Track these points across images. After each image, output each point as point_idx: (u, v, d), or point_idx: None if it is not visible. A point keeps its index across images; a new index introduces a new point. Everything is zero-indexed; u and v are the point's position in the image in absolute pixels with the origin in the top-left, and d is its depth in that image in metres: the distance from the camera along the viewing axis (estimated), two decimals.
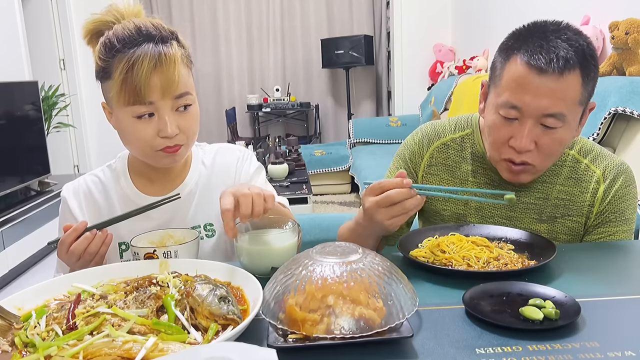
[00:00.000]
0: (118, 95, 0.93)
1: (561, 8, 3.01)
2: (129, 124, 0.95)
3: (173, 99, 0.95)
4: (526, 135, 0.95)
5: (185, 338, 0.65)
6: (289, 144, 4.23)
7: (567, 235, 1.09)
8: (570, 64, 0.91)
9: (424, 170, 1.17)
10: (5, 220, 2.95)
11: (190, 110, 0.99)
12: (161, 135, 0.95)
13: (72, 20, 4.77)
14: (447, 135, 1.17)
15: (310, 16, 5.67)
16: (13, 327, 0.69)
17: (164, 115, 0.94)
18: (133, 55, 0.91)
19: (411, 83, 5.20)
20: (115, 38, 0.93)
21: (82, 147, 4.96)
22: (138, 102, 0.92)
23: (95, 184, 1.10)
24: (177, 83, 0.93)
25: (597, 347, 0.64)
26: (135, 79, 0.90)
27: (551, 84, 0.91)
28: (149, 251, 0.89)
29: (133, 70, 0.90)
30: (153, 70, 0.91)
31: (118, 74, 0.91)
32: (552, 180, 1.08)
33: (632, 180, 1.08)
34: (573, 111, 0.95)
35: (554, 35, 0.93)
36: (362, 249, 0.72)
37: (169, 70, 0.92)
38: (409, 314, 0.66)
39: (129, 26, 0.95)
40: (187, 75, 0.98)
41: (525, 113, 0.95)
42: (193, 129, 1.00)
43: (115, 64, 0.92)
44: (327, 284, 0.65)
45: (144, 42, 0.93)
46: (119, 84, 0.92)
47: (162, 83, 0.92)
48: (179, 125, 0.96)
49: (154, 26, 0.96)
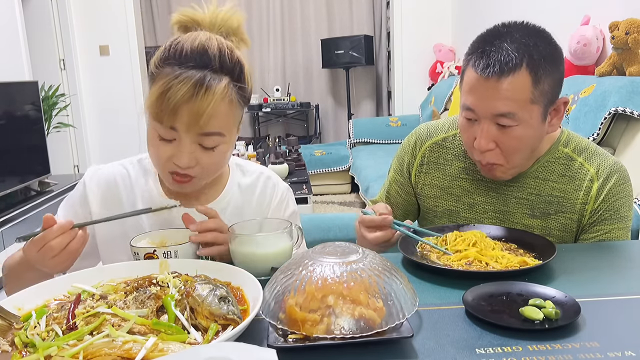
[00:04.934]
0: (150, 107, 0.90)
1: (561, 8, 3.01)
2: (152, 137, 0.93)
3: (198, 135, 0.91)
4: (481, 136, 1.01)
5: (185, 338, 0.65)
6: (289, 144, 4.23)
7: (560, 232, 1.09)
8: (510, 66, 0.95)
9: (416, 170, 1.22)
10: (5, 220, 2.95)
11: (217, 149, 0.94)
12: (173, 162, 0.92)
13: (72, 20, 4.77)
14: (440, 134, 1.21)
15: (310, 16, 5.66)
16: (13, 327, 0.69)
17: (183, 145, 0.91)
18: (174, 79, 0.87)
19: (411, 83, 5.20)
20: (176, 50, 0.90)
21: (82, 147, 4.96)
22: (161, 122, 0.90)
23: (122, 177, 1.06)
24: (207, 121, 0.89)
25: (597, 347, 0.64)
26: (165, 104, 0.87)
27: (495, 87, 0.96)
28: (149, 251, 0.89)
29: (168, 92, 0.87)
30: (187, 101, 0.87)
31: (154, 90, 0.89)
32: (544, 176, 1.10)
33: (627, 178, 1.08)
34: (526, 109, 0.98)
35: (500, 40, 0.98)
36: (362, 249, 0.72)
37: (201, 109, 0.87)
38: (409, 314, 0.66)
39: (195, 43, 0.90)
40: (227, 115, 0.92)
41: (479, 114, 1.01)
42: (214, 167, 0.97)
43: (157, 78, 0.90)
44: (327, 284, 0.65)
45: (196, 67, 0.88)
46: (152, 100, 0.89)
47: (189, 118, 0.88)
48: (198, 159, 0.92)
49: (220, 51, 0.90)
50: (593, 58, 2.61)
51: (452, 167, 1.18)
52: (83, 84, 4.92)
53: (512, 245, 0.99)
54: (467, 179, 1.16)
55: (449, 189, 1.17)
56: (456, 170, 1.17)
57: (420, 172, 1.22)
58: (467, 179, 1.16)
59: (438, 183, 1.19)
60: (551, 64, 0.98)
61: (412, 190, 1.24)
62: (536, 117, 0.99)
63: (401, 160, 1.26)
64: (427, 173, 1.21)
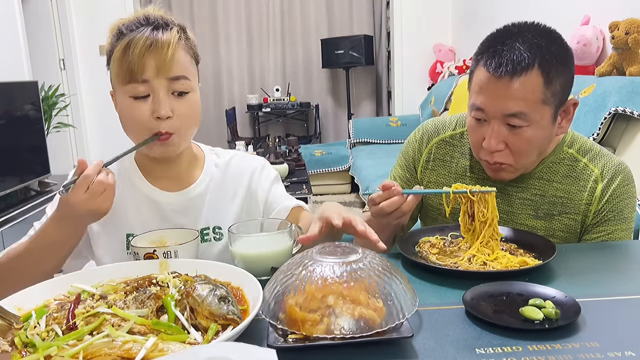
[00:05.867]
0: (116, 74, 0.97)
1: (561, 8, 3.01)
2: (127, 104, 0.97)
3: (168, 80, 0.96)
4: (491, 136, 1.01)
5: (185, 338, 0.65)
6: (289, 144, 4.23)
7: (564, 233, 1.09)
8: (522, 65, 0.95)
9: (422, 166, 1.23)
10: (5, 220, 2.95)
11: (188, 97, 0.99)
12: (154, 116, 0.96)
13: (72, 20, 4.77)
14: (447, 132, 1.21)
15: (310, 16, 5.66)
16: (13, 327, 0.69)
17: (158, 95, 0.96)
18: (131, 36, 0.95)
19: (411, 83, 5.20)
20: (124, 26, 0.98)
21: (82, 147, 4.96)
22: (133, 80, 0.95)
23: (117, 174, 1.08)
24: (172, 64, 0.95)
25: (597, 347, 0.64)
26: (130, 57, 0.94)
27: (506, 87, 0.96)
28: (149, 251, 0.89)
29: (129, 49, 0.94)
30: (148, 50, 0.94)
31: (116, 53, 0.96)
32: (549, 177, 1.10)
33: (631, 179, 1.08)
34: (537, 110, 0.97)
35: (512, 39, 0.98)
36: (362, 249, 0.72)
37: (163, 51, 0.95)
38: (409, 314, 0.66)
39: (138, 15, 0.99)
40: (187, 61, 0.99)
41: (489, 114, 1.00)
42: (189, 116, 1.00)
43: (116, 45, 0.96)
44: (327, 284, 0.65)
45: (146, 27, 0.96)
46: (117, 63, 0.96)
47: (156, 62, 0.94)
48: (174, 109, 0.97)
49: (162, 17, 1.00)
50: (593, 58, 2.60)
51: (457, 165, 1.18)
52: (83, 84, 4.92)
53: (512, 245, 0.99)
54: (471, 177, 1.16)
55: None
56: (461, 169, 1.18)
57: (426, 169, 1.22)
58: (472, 177, 1.16)
59: (443, 181, 1.20)
60: (562, 65, 0.98)
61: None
62: (547, 118, 0.99)
63: (407, 155, 1.25)
64: (433, 170, 1.21)
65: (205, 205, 1.08)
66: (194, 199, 1.07)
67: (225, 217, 1.09)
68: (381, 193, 0.98)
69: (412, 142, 1.25)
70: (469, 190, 0.97)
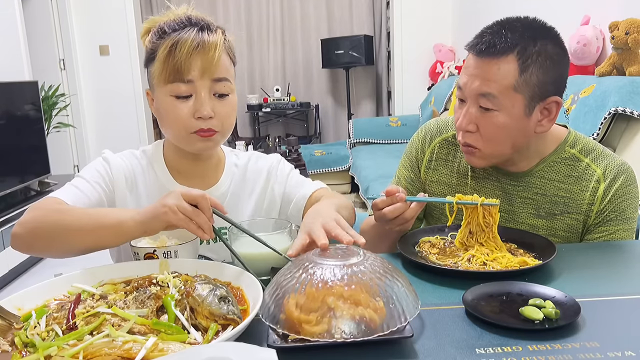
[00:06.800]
0: (160, 73, 0.97)
1: (561, 8, 3.01)
2: (168, 103, 0.98)
3: (212, 81, 0.98)
4: (464, 115, 1.04)
5: (185, 338, 0.65)
6: (289, 144, 4.23)
7: (565, 232, 1.09)
8: (498, 48, 0.98)
9: (425, 166, 1.23)
10: (5, 220, 2.95)
11: (228, 99, 1.01)
12: (197, 116, 0.97)
13: (72, 20, 4.77)
14: (450, 131, 1.22)
15: (310, 16, 5.66)
16: (13, 327, 0.69)
17: (200, 95, 0.97)
18: (177, 36, 0.96)
19: (411, 83, 5.19)
20: (166, 25, 0.99)
21: (82, 147, 4.96)
22: (178, 79, 0.96)
23: (141, 169, 1.08)
24: (217, 66, 0.97)
25: (597, 347, 0.64)
26: (177, 56, 0.94)
27: (483, 67, 1.00)
28: (149, 251, 0.89)
29: (176, 48, 0.95)
30: (195, 51, 0.95)
31: (161, 52, 0.96)
32: (550, 176, 1.10)
33: (633, 180, 1.08)
34: (507, 96, 0.99)
35: (501, 26, 1.01)
36: (363, 251, 0.72)
37: (210, 53, 0.96)
38: (411, 317, 0.65)
39: (181, 16, 1.00)
40: (228, 64, 1.01)
41: (465, 93, 1.04)
42: (229, 117, 1.02)
43: (161, 45, 0.97)
44: (328, 286, 0.65)
45: (191, 27, 0.97)
46: (161, 62, 0.96)
47: (202, 63, 0.96)
48: (215, 109, 0.98)
49: (204, 19, 1.01)
50: (593, 58, 2.60)
51: (460, 164, 1.19)
52: (83, 84, 4.92)
53: (512, 245, 0.99)
54: (473, 176, 1.16)
55: (456, 186, 1.18)
56: (463, 168, 1.18)
57: (429, 169, 1.23)
58: (474, 176, 1.16)
59: (445, 180, 1.20)
60: (545, 59, 0.98)
61: (422, 187, 1.24)
62: (518, 107, 1.00)
63: (410, 155, 1.26)
64: (435, 169, 1.22)
65: (225, 205, 1.08)
66: (218, 198, 1.07)
67: (242, 216, 1.09)
68: (384, 199, 0.99)
69: (415, 142, 1.26)
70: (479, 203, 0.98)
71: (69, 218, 0.89)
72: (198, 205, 0.82)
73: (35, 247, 0.92)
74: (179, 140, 1.03)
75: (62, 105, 4.22)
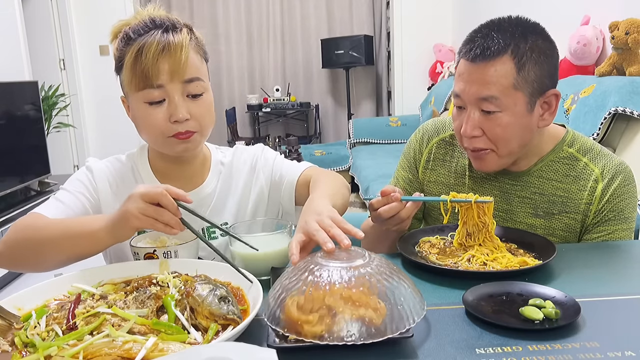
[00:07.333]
0: (129, 80, 0.95)
1: (561, 8, 3.01)
2: (142, 110, 0.97)
3: (182, 83, 0.96)
4: (467, 122, 1.03)
5: (185, 338, 0.65)
6: (289, 144, 4.23)
7: (564, 232, 1.09)
8: (493, 50, 0.98)
9: (423, 166, 1.24)
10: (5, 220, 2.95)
11: (203, 98, 0.99)
12: (172, 120, 0.96)
13: (72, 20, 4.77)
14: (447, 131, 1.23)
15: (310, 16, 5.65)
16: (13, 327, 0.69)
17: (173, 99, 0.95)
18: (142, 41, 0.94)
19: (411, 83, 5.19)
20: (131, 30, 0.97)
21: (82, 147, 4.96)
22: (148, 85, 0.94)
23: (127, 172, 1.08)
24: (185, 67, 0.95)
25: (597, 347, 0.64)
26: (144, 62, 0.93)
27: (479, 71, 1.00)
28: (149, 251, 0.89)
29: (142, 54, 0.93)
30: (161, 54, 0.93)
31: (128, 59, 0.94)
32: (548, 176, 1.10)
33: (631, 179, 1.08)
34: (509, 95, 0.99)
35: (489, 29, 1.02)
36: (368, 253, 0.71)
37: (177, 54, 0.94)
38: (418, 318, 0.66)
39: (144, 18, 0.98)
40: (198, 62, 0.99)
41: (465, 100, 1.03)
42: (205, 116, 1.00)
43: (127, 51, 0.95)
44: (335, 288, 0.64)
45: (155, 29, 0.95)
46: (129, 69, 0.95)
47: (170, 66, 0.94)
48: (190, 111, 0.97)
49: (169, 18, 0.99)
50: (593, 58, 2.60)
51: (457, 164, 1.19)
52: (83, 84, 4.92)
53: (512, 245, 0.99)
54: (471, 176, 1.17)
55: (454, 186, 1.18)
56: (461, 168, 1.18)
57: (427, 169, 1.23)
58: (471, 176, 1.17)
59: (443, 180, 1.21)
60: (539, 55, 0.99)
61: (420, 187, 1.25)
62: (521, 105, 1.00)
63: (408, 156, 1.27)
64: (433, 170, 1.22)
65: (212, 204, 1.09)
66: (205, 198, 1.08)
67: (231, 212, 1.09)
68: (380, 199, 0.99)
69: (412, 142, 1.27)
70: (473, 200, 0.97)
71: (46, 233, 0.89)
72: (160, 203, 0.80)
73: (18, 264, 0.93)
74: (158, 145, 1.02)
75: (62, 105, 4.22)
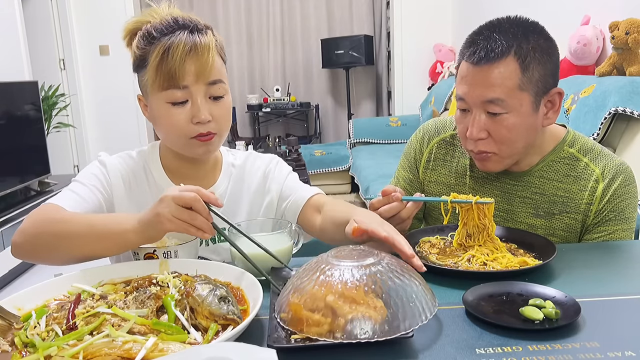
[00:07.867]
0: (153, 80, 0.95)
1: (561, 8, 3.01)
2: (164, 110, 0.97)
3: (207, 85, 0.96)
4: (472, 124, 1.03)
5: (185, 338, 0.65)
6: (289, 144, 4.23)
7: (564, 232, 1.09)
8: (497, 52, 0.98)
9: (423, 166, 1.24)
10: (5, 220, 2.95)
11: (224, 100, 1.00)
12: (194, 121, 0.96)
13: (72, 20, 4.77)
14: (448, 131, 1.23)
15: (310, 16, 5.66)
16: (13, 327, 0.69)
17: (197, 100, 0.96)
18: (169, 41, 0.93)
19: (411, 83, 5.20)
20: (153, 28, 0.96)
21: (82, 147, 4.96)
22: (172, 86, 0.94)
23: (139, 169, 1.07)
24: (211, 69, 0.95)
25: (597, 347, 0.64)
26: (170, 63, 0.92)
27: (483, 74, 0.99)
28: (149, 251, 0.89)
29: (168, 54, 0.92)
30: (187, 55, 0.93)
31: (153, 59, 0.94)
32: (549, 176, 1.10)
33: (632, 179, 1.08)
34: (514, 96, 0.99)
35: (490, 30, 1.01)
36: (377, 251, 0.71)
37: (204, 56, 0.94)
38: (431, 315, 0.66)
39: (167, 18, 0.97)
40: (221, 65, 1.00)
41: (469, 103, 1.03)
42: (226, 118, 1.01)
43: (152, 51, 0.95)
44: (347, 287, 0.65)
45: (180, 30, 0.95)
46: (154, 69, 0.94)
47: (196, 68, 0.94)
48: (212, 113, 0.97)
49: (191, 19, 0.99)
50: (593, 58, 2.60)
51: (458, 164, 1.19)
52: (83, 84, 4.92)
53: (512, 245, 0.99)
54: (472, 176, 1.17)
55: (455, 186, 1.18)
56: (462, 168, 1.19)
57: (427, 169, 1.23)
58: (472, 176, 1.17)
59: (444, 180, 1.21)
60: (541, 53, 0.99)
61: (420, 187, 1.25)
62: (526, 105, 1.00)
63: (409, 156, 1.27)
64: (434, 170, 1.22)
65: (225, 205, 1.08)
66: None
67: (240, 216, 1.09)
68: (381, 198, 0.99)
69: (413, 142, 1.27)
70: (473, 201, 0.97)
71: (70, 227, 0.87)
72: (193, 207, 0.80)
73: (36, 255, 0.92)
74: (179, 146, 1.02)
75: (62, 105, 4.22)
